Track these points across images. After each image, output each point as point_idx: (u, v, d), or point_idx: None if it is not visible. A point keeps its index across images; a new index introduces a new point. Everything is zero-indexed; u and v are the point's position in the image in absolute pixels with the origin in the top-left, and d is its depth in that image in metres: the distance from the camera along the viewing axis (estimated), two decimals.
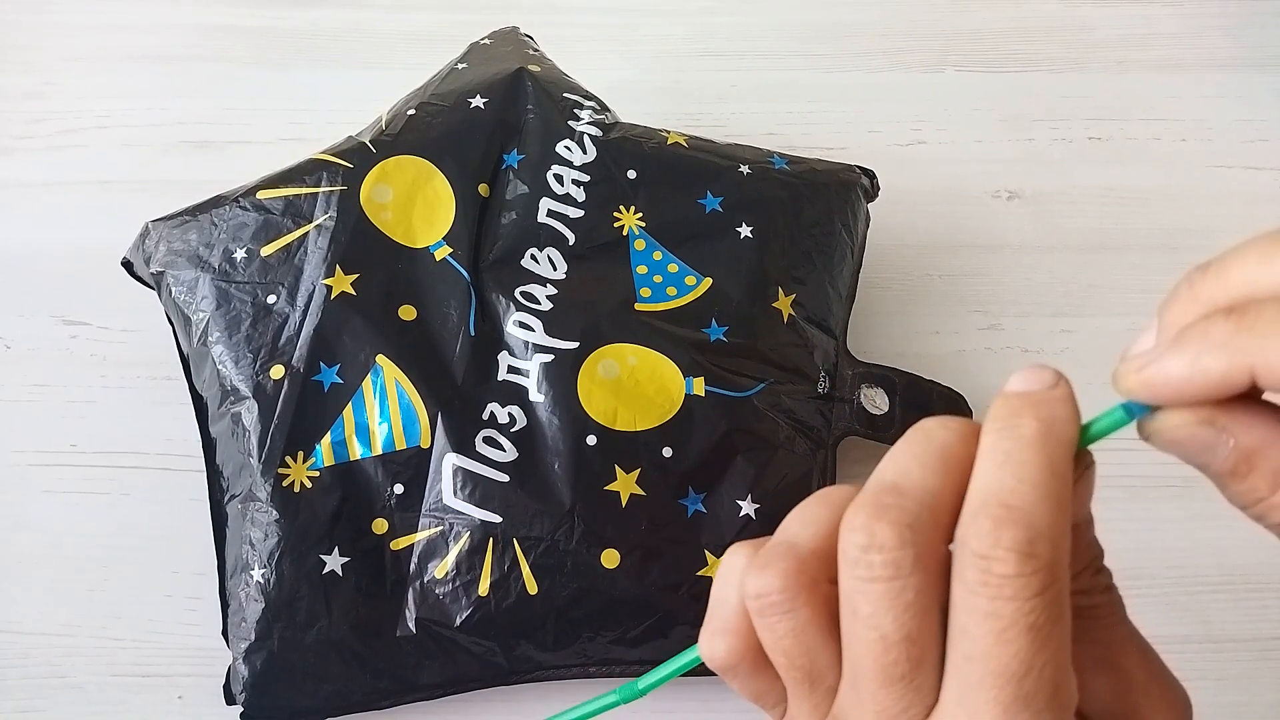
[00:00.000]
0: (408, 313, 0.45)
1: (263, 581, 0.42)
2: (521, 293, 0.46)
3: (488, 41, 0.56)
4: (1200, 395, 0.21)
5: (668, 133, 0.52)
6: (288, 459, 0.43)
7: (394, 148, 0.48)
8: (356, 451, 0.43)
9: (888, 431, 0.49)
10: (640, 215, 0.49)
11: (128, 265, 0.49)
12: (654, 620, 0.43)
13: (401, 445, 0.43)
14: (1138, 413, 0.23)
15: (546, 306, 0.46)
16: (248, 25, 0.67)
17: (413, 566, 0.43)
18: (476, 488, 0.43)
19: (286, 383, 0.44)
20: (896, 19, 0.69)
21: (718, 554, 0.43)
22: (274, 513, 0.42)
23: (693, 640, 0.43)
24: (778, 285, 0.49)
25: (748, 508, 0.44)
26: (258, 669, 0.42)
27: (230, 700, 0.43)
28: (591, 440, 0.43)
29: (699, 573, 0.43)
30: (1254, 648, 0.47)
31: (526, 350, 0.45)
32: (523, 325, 0.45)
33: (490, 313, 0.46)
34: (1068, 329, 0.56)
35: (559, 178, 0.49)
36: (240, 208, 0.47)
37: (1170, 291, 0.23)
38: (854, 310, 0.51)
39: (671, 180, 0.50)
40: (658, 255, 0.49)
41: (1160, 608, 0.47)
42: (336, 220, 0.46)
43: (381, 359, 0.44)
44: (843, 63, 0.67)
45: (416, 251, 0.47)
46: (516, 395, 0.44)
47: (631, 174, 0.50)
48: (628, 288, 0.47)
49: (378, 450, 0.43)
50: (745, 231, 0.49)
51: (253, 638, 0.42)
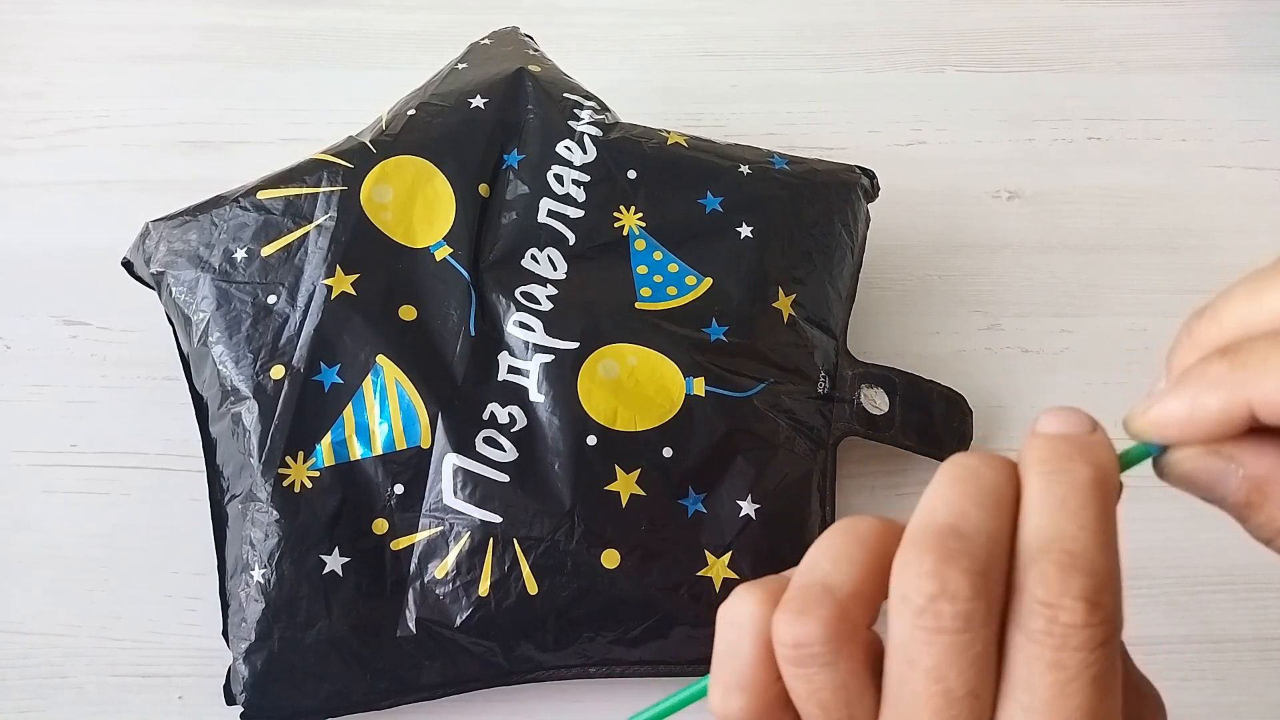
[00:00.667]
0: (408, 313, 0.45)
1: (263, 581, 0.42)
2: (522, 293, 0.46)
3: (488, 42, 0.56)
4: (1203, 433, 0.22)
5: (668, 133, 0.52)
6: (288, 459, 0.43)
7: (394, 148, 0.48)
8: (357, 451, 0.43)
9: (888, 431, 0.49)
10: (640, 215, 0.49)
11: (128, 265, 0.49)
12: (654, 620, 0.43)
13: (402, 445, 0.43)
14: (1151, 452, 0.24)
15: (547, 306, 0.46)
16: (248, 25, 0.67)
17: (413, 567, 0.43)
18: (477, 488, 0.43)
19: (287, 383, 0.44)
20: (896, 19, 0.69)
21: (718, 554, 0.43)
22: (274, 513, 0.42)
23: (693, 640, 0.43)
24: (778, 285, 0.49)
25: (748, 508, 0.44)
26: (258, 669, 0.42)
27: (230, 700, 0.43)
28: (591, 440, 0.43)
29: (699, 573, 0.43)
30: (1254, 648, 0.47)
31: (527, 350, 0.45)
32: (523, 325, 0.45)
33: (490, 313, 0.46)
34: (1068, 329, 0.56)
35: (559, 178, 0.49)
36: (240, 208, 0.47)
37: (1174, 339, 0.24)
38: (854, 310, 0.51)
39: (672, 180, 0.50)
40: (658, 255, 0.49)
41: (1160, 608, 0.47)
42: (337, 220, 0.46)
43: (382, 359, 0.44)
44: (843, 63, 0.67)
45: (417, 251, 0.47)
46: (517, 395, 0.44)
47: (632, 174, 0.50)
48: (628, 288, 0.47)
49: (378, 450, 0.43)
50: (745, 231, 0.49)
51: (253, 638, 0.42)
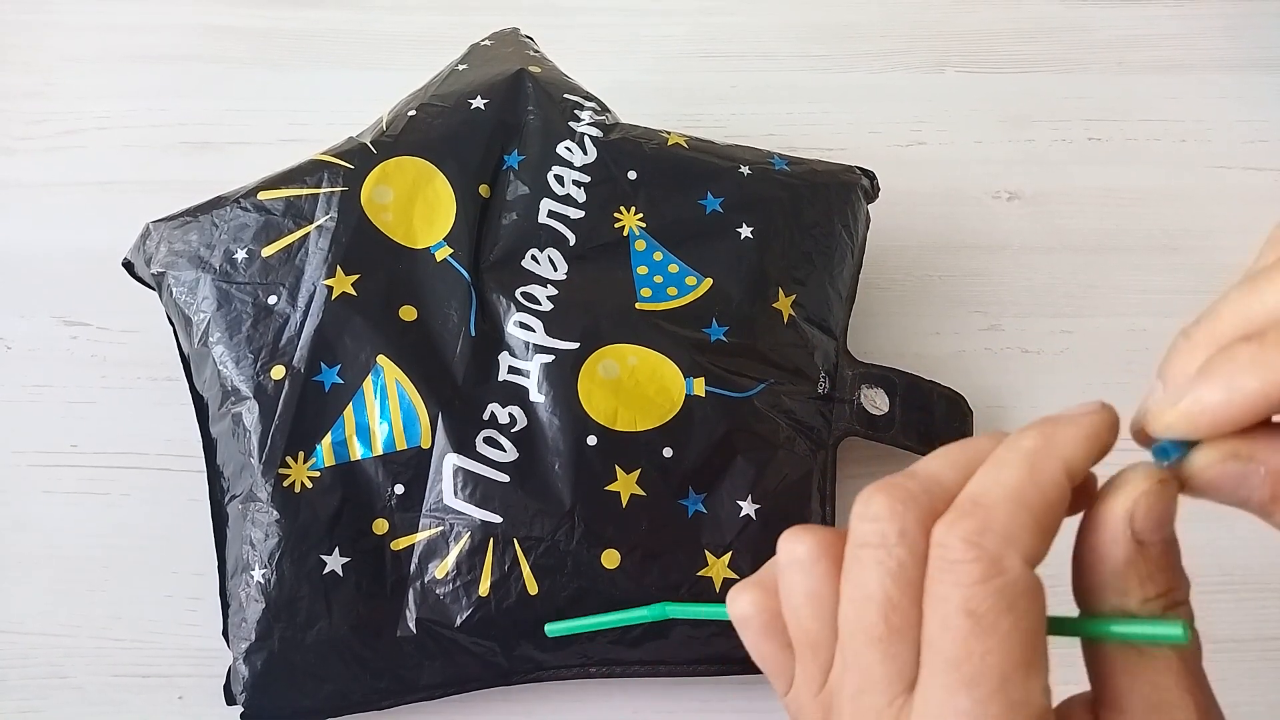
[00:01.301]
0: (408, 313, 0.45)
1: (263, 582, 0.42)
2: (522, 293, 0.46)
3: (488, 43, 0.56)
4: (1240, 417, 0.22)
5: (668, 133, 0.52)
6: (288, 459, 0.43)
7: (395, 149, 0.48)
8: (357, 452, 0.43)
9: (888, 432, 0.49)
10: (641, 216, 0.49)
11: (128, 266, 0.49)
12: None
13: (402, 445, 0.43)
14: (1171, 453, 0.23)
15: (547, 307, 0.46)
16: (248, 25, 0.67)
17: (413, 567, 0.43)
18: (477, 488, 0.43)
19: (287, 383, 0.44)
20: (896, 19, 0.69)
21: (718, 554, 0.43)
22: (274, 513, 0.42)
23: (693, 640, 0.43)
24: (778, 286, 0.49)
25: (748, 508, 0.44)
26: (258, 669, 0.42)
27: (230, 700, 0.43)
28: (592, 440, 0.43)
29: (699, 573, 0.43)
30: (1254, 648, 0.47)
31: (527, 350, 0.45)
32: (523, 326, 0.45)
33: (491, 313, 0.46)
34: (1068, 329, 0.56)
35: (559, 178, 0.49)
36: (241, 208, 0.47)
37: (1167, 350, 0.23)
38: (854, 310, 0.51)
39: (672, 181, 0.50)
40: (658, 256, 0.49)
41: None
42: (337, 221, 0.46)
43: (382, 359, 0.44)
44: (843, 63, 0.67)
45: (417, 252, 0.47)
46: (517, 395, 0.44)
47: (632, 175, 0.50)
48: (628, 288, 0.47)
49: (378, 450, 0.43)
50: (745, 232, 0.49)
51: (253, 638, 0.42)
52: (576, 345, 0.45)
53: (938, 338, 0.56)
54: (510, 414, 0.44)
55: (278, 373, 0.44)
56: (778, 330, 0.48)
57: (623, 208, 0.49)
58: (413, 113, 0.50)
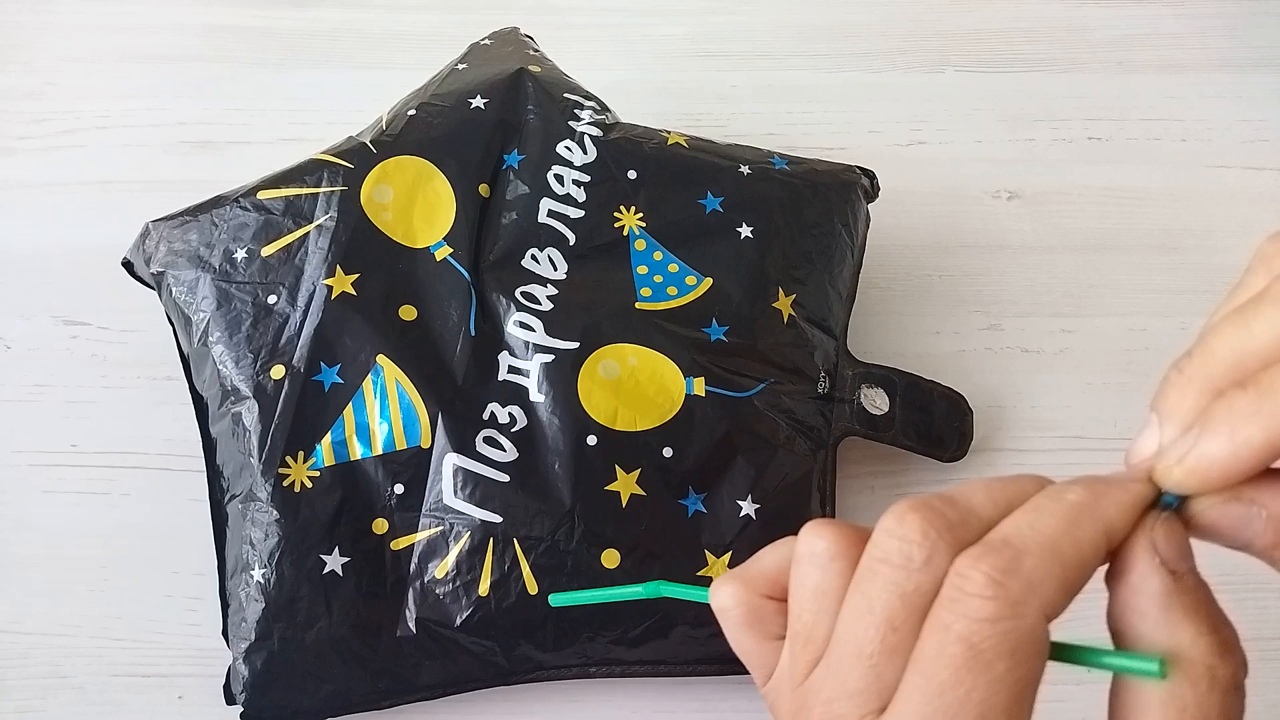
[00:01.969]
0: (408, 313, 0.45)
1: (263, 581, 0.42)
2: (522, 293, 0.46)
3: (488, 42, 0.56)
4: (1246, 469, 0.22)
5: (668, 133, 0.52)
6: (288, 459, 0.43)
7: (394, 148, 0.48)
8: (357, 451, 0.43)
9: (888, 432, 0.49)
10: (641, 215, 0.49)
11: (128, 265, 0.49)
12: (654, 620, 0.43)
13: (402, 445, 0.43)
14: (1172, 500, 0.23)
15: (547, 306, 0.46)
16: (248, 25, 0.67)
17: (413, 566, 0.43)
18: (477, 488, 0.43)
19: (287, 383, 0.44)
20: (896, 19, 0.69)
21: (718, 554, 0.43)
22: (274, 513, 0.42)
23: (693, 640, 0.43)
24: (778, 285, 0.49)
25: (748, 508, 0.44)
26: (258, 669, 0.42)
27: (230, 700, 0.43)
28: (592, 440, 0.43)
29: (699, 573, 0.43)
30: (1254, 648, 0.47)
31: (527, 350, 0.45)
32: (523, 325, 0.45)
33: (491, 313, 0.46)
34: (1068, 329, 0.56)
35: (559, 178, 0.49)
36: (241, 208, 0.47)
37: (1161, 382, 0.23)
38: (854, 310, 0.51)
39: (672, 180, 0.50)
40: (658, 255, 0.49)
41: None
42: (337, 220, 0.46)
43: (382, 359, 0.44)
44: (843, 63, 0.67)
45: (417, 251, 0.47)
46: (517, 395, 0.44)
47: (632, 174, 0.50)
48: (628, 288, 0.47)
49: (378, 450, 0.43)
50: (745, 232, 0.49)
51: (253, 638, 0.42)
52: (576, 345, 0.45)
53: (938, 337, 0.56)
54: (510, 414, 0.44)
55: (277, 372, 0.44)
56: (778, 330, 0.48)
57: (623, 207, 0.49)
58: (412, 112, 0.50)
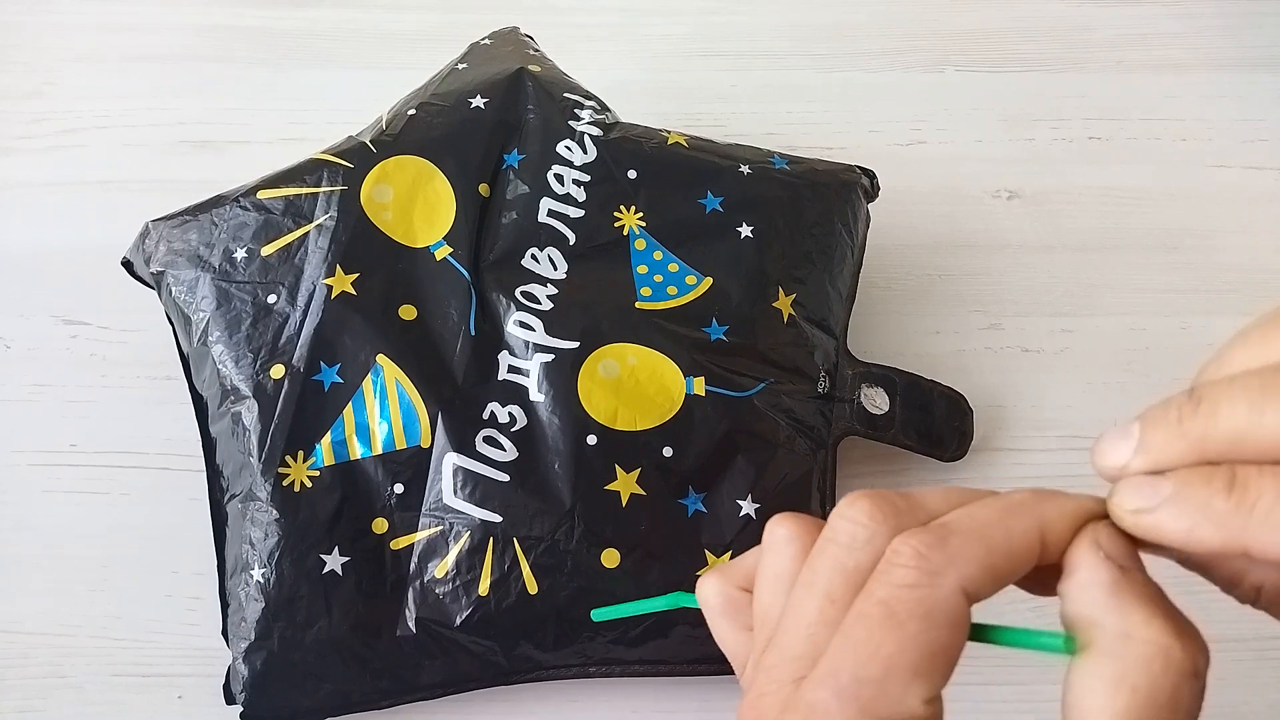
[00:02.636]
0: (408, 312, 0.45)
1: (263, 581, 0.42)
2: (522, 292, 0.46)
3: (488, 42, 0.56)
4: (1193, 553, 0.23)
5: (668, 133, 0.52)
6: (288, 458, 0.43)
7: (394, 148, 0.48)
8: (357, 451, 0.43)
9: (888, 431, 0.49)
10: (641, 215, 0.49)
11: (128, 265, 0.49)
12: (654, 620, 0.43)
13: (402, 445, 0.43)
14: None
15: (547, 306, 0.46)
16: (247, 25, 0.67)
17: (413, 566, 0.43)
18: (477, 487, 0.43)
19: (287, 382, 0.44)
20: (896, 19, 0.69)
21: (718, 553, 0.43)
22: (274, 512, 0.42)
23: (693, 640, 0.43)
24: (778, 285, 0.49)
25: (748, 507, 0.44)
26: (258, 669, 0.42)
27: (230, 700, 0.43)
28: (592, 440, 0.43)
29: (699, 573, 0.43)
30: (1254, 648, 0.47)
31: (527, 350, 0.45)
32: (523, 325, 0.45)
33: (491, 312, 0.46)
34: (1068, 329, 0.56)
35: (559, 177, 0.49)
36: (241, 207, 0.47)
37: (1155, 411, 0.23)
38: (854, 310, 0.51)
39: (672, 180, 0.50)
40: (658, 255, 0.49)
41: None
42: (337, 220, 0.46)
43: (382, 358, 0.44)
44: (843, 63, 0.67)
45: (417, 251, 0.47)
46: (517, 395, 0.44)
47: (632, 174, 0.50)
48: (628, 287, 0.47)
49: (378, 450, 0.43)
50: (745, 231, 0.49)
51: (253, 637, 0.42)
52: (576, 344, 0.45)
53: (938, 337, 0.56)
54: (510, 413, 0.44)
55: (277, 372, 0.44)
56: (778, 330, 0.48)
57: (623, 207, 0.49)
58: (412, 112, 0.50)
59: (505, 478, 0.43)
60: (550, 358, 0.45)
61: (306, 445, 0.43)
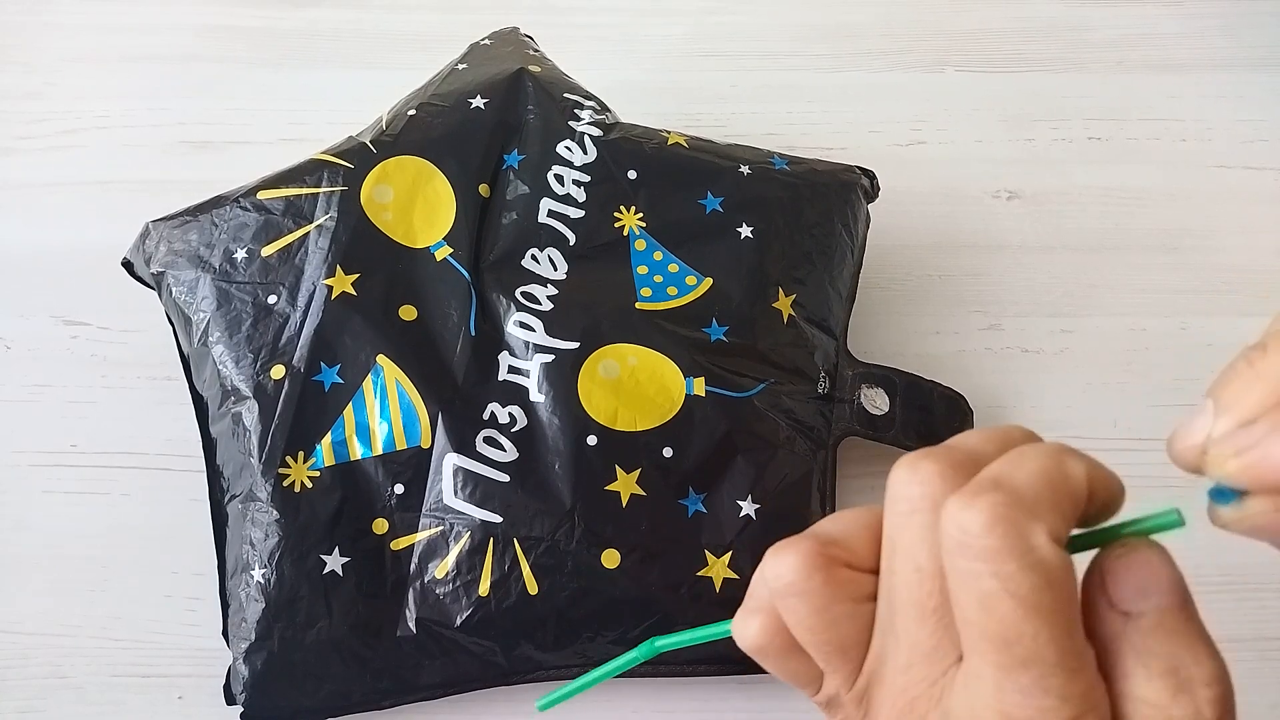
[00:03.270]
0: (408, 313, 0.45)
1: (263, 581, 0.42)
2: (522, 293, 0.46)
3: (488, 42, 0.56)
4: None
5: (668, 133, 0.52)
6: (288, 459, 0.43)
7: (395, 148, 0.48)
8: (357, 451, 0.43)
9: (888, 432, 0.49)
10: (641, 215, 0.49)
11: (128, 265, 0.49)
12: (654, 620, 0.43)
13: (402, 445, 0.43)
14: (1230, 497, 0.22)
15: (547, 306, 0.46)
16: (247, 25, 0.67)
17: (413, 566, 0.43)
18: (477, 488, 0.43)
19: (287, 383, 0.44)
20: (896, 19, 0.69)
21: (718, 554, 0.43)
22: (274, 513, 0.42)
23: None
24: (778, 285, 0.49)
25: (748, 508, 0.44)
26: (258, 669, 0.42)
27: (230, 700, 0.43)
28: (592, 440, 0.43)
29: (699, 573, 0.43)
30: (1254, 648, 0.47)
31: (527, 350, 0.45)
32: (523, 325, 0.45)
33: (491, 313, 0.46)
34: (1068, 329, 0.56)
35: (559, 178, 0.49)
36: (241, 208, 0.47)
37: (1225, 370, 0.22)
38: (854, 310, 0.51)
39: (672, 180, 0.50)
40: (658, 255, 0.49)
41: None
42: (337, 220, 0.46)
43: (382, 359, 0.44)
44: (843, 63, 0.67)
45: (417, 251, 0.47)
46: (517, 395, 0.44)
47: (632, 174, 0.50)
48: (628, 288, 0.47)
49: (378, 450, 0.43)
50: (745, 232, 0.49)
51: (253, 638, 0.42)
52: (576, 345, 0.45)
53: (938, 338, 0.56)
54: (510, 414, 0.44)
55: (277, 372, 0.44)
56: (778, 330, 0.48)
57: (623, 207, 0.49)
58: (412, 112, 0.50)
59: (505, 478, 0.43)
60: (550, 358, 0.45)
61: (307, 446, 0.43)
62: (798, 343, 0.48)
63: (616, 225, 0.49)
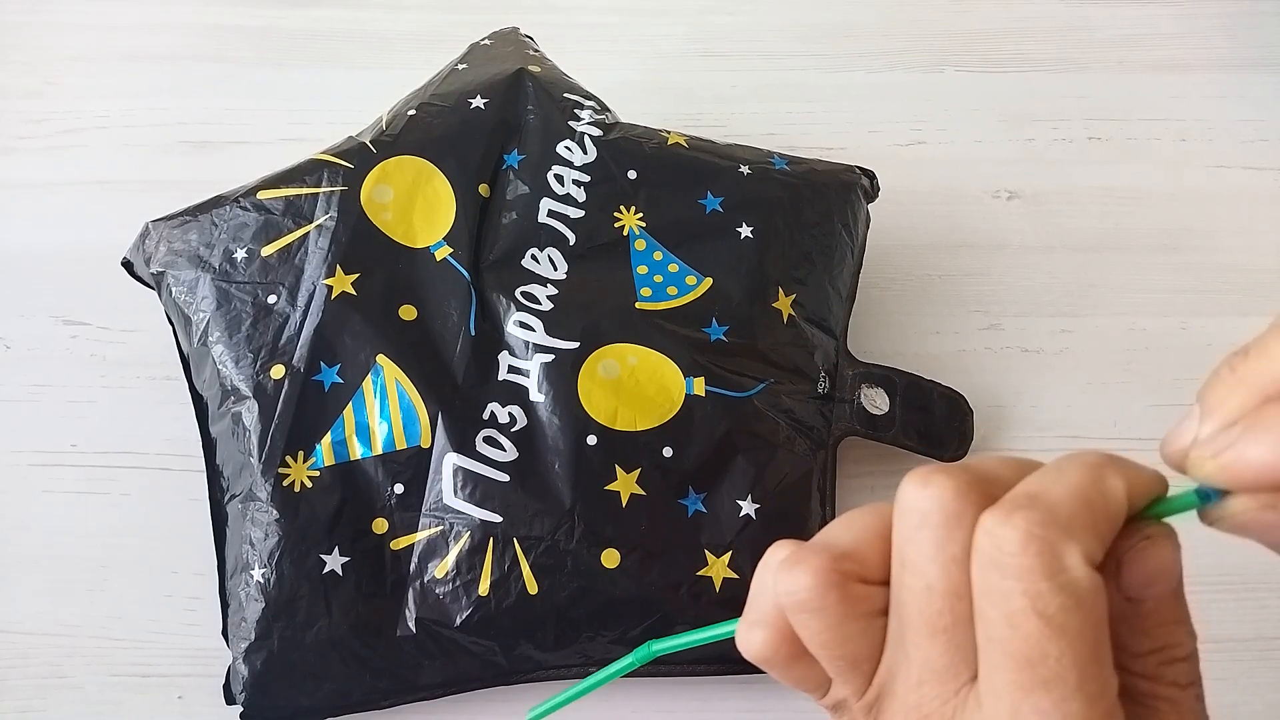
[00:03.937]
0: (408, 312, 0.45)
1: (263, 581, 0.42)
2: (522, 293, 0.46)
3: (488, 42, 0.56)
4: None
5: (668, 133, 0.52)
6: (288, 459, 0.43)
7: (394, 148, 0.48)
8: (357, 451, 0.43)
9: (888, 432, 0.49)
10: (641, 215, 0.49)
11: (128, 265, 0.49)
12: (654, 620, 0.43)
13: (402, 445, 0.43)
14: (1213, 496, 0.23)
15: (547, 306, 0.46)
16: (248, 25, 0.67)
17: (413, 566, 0.43)
18: (477, 487, 0.43)
19: (287, 382, 0.44)
20: (896, 19, 0.69)
21: (718, 554, 0.43)
22: (274, 512, 0.42)
23: None
24: (778, 285, 0.49)
25: (748, 508, 0.44)
26: (258, 669, 0.42)
27: (230, 700, 0.43)
28: (592, 440, 0.43)
29: (699, 573, 0.43)
30: (1254, 648, 0.47)
31: (527, 350, 0.45)
32: (523, 325, 0.45)
33: (491, 312, 0.46)
34: (1068, 329, 0.56)
35: (559, 178, 0.49)
36: (241, 208, 0.47)
37: (1210, 375, 0.23)
38: (854, 310, 0.51)
39: (672, 180, 0.50)
40: (658, 255, 0.49)
41: None
42: (337, 220, 0.46)
43: (382, 359, 0.44)
44: (843, 63, 0.67)
45: (417, 251, 0.47)
46: (517, 395, 0.44)
47: (632, 174, 0.50)
48: (628, 288, 0.47)
49: (378, 450, 0.43)
50: (745, 232, 0.49)
51: (253, 637, 0.42)
52: (576, 345, 0.45)
53: (938, 337, 0.56)
54: (510, 413, 0.44)
55: (277, 372, 0.44)
56: (778, 330, 0.48)
57: (623, 207, 0.49)
58: (412, 112, 0.50)
59: (505, 478, 0.43)
60: (550, 358, 0.45)
61: (307, 445, 0.43)
62: (798, 342, 0.48)
63: (616, 225, 0.49)
